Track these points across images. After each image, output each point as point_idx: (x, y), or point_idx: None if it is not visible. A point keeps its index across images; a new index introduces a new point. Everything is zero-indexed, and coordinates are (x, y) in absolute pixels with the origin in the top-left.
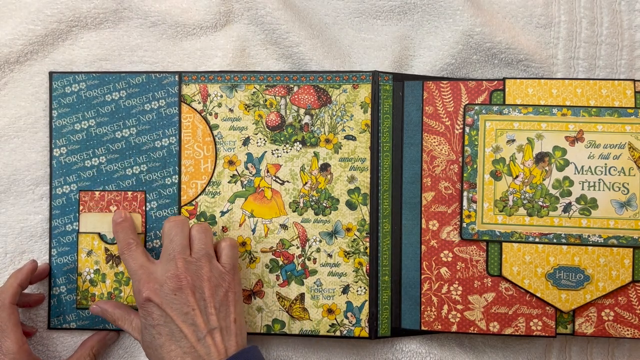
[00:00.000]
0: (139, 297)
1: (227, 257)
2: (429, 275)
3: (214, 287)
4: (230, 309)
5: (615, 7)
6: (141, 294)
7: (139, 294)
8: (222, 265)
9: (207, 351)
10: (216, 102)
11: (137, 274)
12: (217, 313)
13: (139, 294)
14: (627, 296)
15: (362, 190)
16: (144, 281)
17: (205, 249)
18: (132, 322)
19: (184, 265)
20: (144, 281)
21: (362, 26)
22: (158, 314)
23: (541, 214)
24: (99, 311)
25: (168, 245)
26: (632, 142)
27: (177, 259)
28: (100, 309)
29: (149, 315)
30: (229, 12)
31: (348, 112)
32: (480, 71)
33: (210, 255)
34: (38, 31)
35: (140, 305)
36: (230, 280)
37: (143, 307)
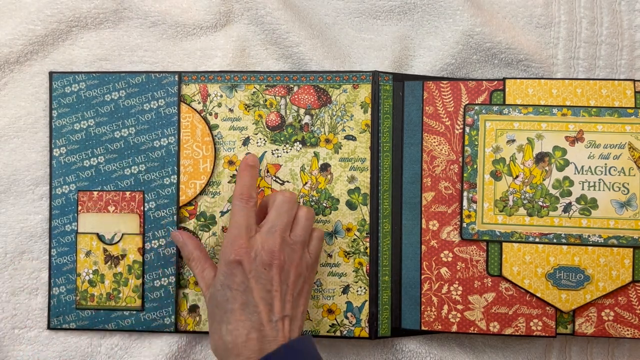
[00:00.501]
0: (229, 255)
1: (314, 248)
2: (429, 275)
3: (298, 275)
4: (302, 300)
5: (615, 7)
6: (233, 254)
7: (231, 252)
8: (309, 255)
9: (274, 335)
10: (216, 102)
11: (238, 231)
12: (292, 301)
13: (230, 252)
14: (627, 296)
15: (362, 190)
16: (241, 242)
17: (304, 235)
18: (204, 271)
19: (282, 244)
20: (241, 242)
21: (362, 26)
22: (240, 280)
23: (541, 214)
24: (179, 240)
25: (275, 219)
26: (632, 142)
27: (277, 235)
28: (181, 239)
29: (231, 277)
30: (229, 12)
31: (348, 112)
32: (480, 71)
33: (306, 243)
34: (38, 31)
35: (227, 263)
36: (311, 272)
37: (229, 266)
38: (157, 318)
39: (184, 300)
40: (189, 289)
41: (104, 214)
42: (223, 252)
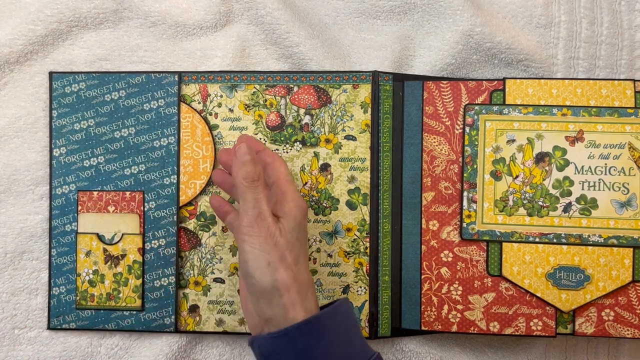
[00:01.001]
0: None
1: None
2: (429, 275)
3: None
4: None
5: (615, 7)
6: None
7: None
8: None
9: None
10: (216, 102)
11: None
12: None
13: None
14: (627, 296)
15: (362, 190)
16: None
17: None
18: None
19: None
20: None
21: (362, 26)
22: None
23: (541, 214)
24: (219, 179)
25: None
26: (632, 142)
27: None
28: (221, 179)
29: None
30: (229, 12)
31: (348, 112)
32: (480, 71)
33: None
34: (38, 31)
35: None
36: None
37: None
38: (157, 318)
39: (184, 300)
40: (189, 289)
41: (104, 214)
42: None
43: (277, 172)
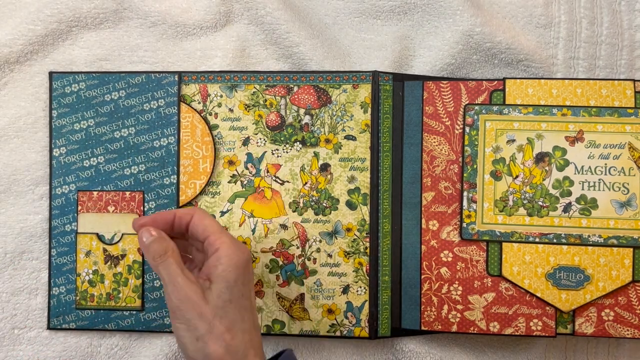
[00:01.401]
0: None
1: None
2: (429, 275)
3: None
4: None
5: (615, 7)
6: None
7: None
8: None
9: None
10: (216, 102)
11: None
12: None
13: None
14: (627, 296)
15: (362, 190)
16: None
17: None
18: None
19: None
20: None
21: (362, 26)
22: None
23: (541, 214)
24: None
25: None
26: (632, 142)
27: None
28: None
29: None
30: (229, 12)
31: (348, 112)
32: (480, 71)
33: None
34: (38, 31)
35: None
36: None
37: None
38: (157, 318)
39: None
40: None
41: (103, 214)
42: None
43: (202, 226)
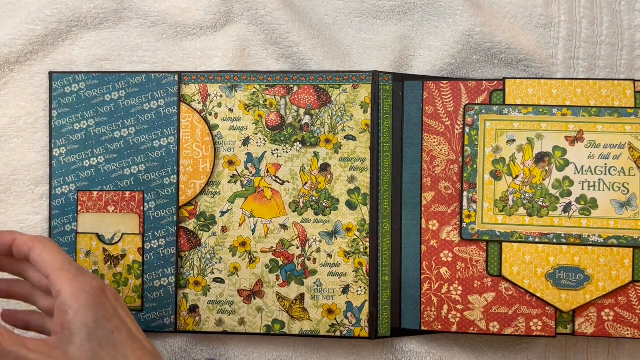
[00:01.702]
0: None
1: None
2: (429, 275)
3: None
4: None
5: (615, 7)
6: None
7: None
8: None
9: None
10: (216, 102)
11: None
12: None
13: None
14: (627, 296)
15: (362, 190)
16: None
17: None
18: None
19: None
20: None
21: (362, 26)
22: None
23: (541, 214)
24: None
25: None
26: (632, 142)
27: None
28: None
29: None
30: (229, 12)
31: (348, 112)
32: (480, 71)
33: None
34: (38, 31)
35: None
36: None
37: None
38: (157, 318)
39: (184, 300)
40: (189, 289)
41: (103, 214)
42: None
43: (41, 263)
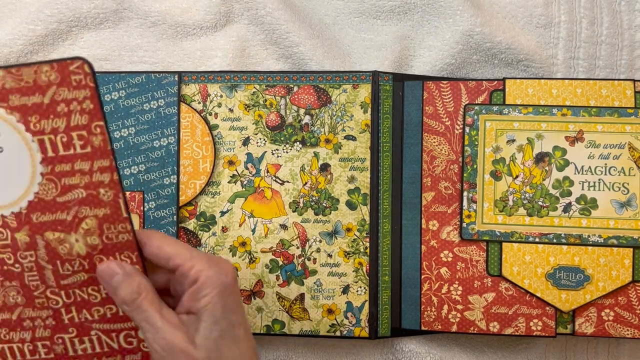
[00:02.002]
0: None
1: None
2: (429, 276)
3: None
4: None
5: (615, 7)
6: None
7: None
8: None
9: None
10: (216, 102)
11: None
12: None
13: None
14: (627, 296)
15: (362, 190)
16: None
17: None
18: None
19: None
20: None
21: (362, 26)
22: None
23: (541, 214)
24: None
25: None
26: (632, 142)
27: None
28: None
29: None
30: (229, 12)
31: (348, 112)
32: (480, 71)
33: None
34: (38, 31)
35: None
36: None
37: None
38: None
39: None
40: None
41: None
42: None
43: (164, 255)
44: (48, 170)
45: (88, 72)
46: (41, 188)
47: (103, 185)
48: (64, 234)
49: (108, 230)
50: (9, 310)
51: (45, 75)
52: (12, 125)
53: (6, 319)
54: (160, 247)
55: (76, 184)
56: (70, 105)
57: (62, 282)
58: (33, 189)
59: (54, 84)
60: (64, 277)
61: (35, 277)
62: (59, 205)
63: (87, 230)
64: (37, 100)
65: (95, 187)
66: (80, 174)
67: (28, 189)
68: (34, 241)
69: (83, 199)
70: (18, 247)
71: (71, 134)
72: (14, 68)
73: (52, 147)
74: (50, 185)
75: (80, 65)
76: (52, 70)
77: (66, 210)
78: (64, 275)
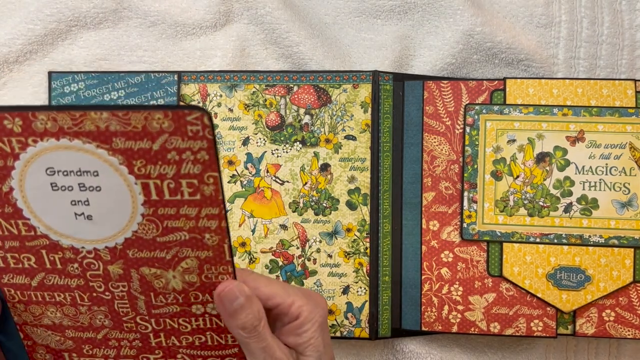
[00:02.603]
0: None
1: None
2: (430, 276)
3: None
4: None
5: (616, 7)
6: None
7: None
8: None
9: None
10: (216, 101)
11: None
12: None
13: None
14: (628, 296)
15: (362, 190)
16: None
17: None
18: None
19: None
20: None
21: (363, 26)
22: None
23: (542, 214)
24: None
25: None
26: (633, 142)
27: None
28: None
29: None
30: (229, 11)
31: (348, 112)
32: (480, 71)
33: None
34: (37, 31)
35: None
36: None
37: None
38: None
39: None
40: None
41: None
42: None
43: (263, 296)
44: (150, 212)
45: (207, 124)
46: (140, 227)
47: (209, 230)
48: (161, 270)
49: (208, 270)
50: (95, 331)
51: (157, 123)
52: (114, 167)
53: (91, 338)
54: (257, 289)
55: (180, 227)
56: (183, 154)
57: (154, 312)
58: (132, 227)
59: (166, 132)
60: (157, 307)
61: (125, 305)
62: (159, 245)
63: (187, 269)
64: (145, 146)
65: (201, 232)
66: (185, 218)
67: (126, 228)
68: (128, 274)
69: (186, 241)
70: (110, 278)
71: (180, 182)
72: (121, 112)
73: (156, 191)
74: (151, 225)
75: (199, 117)
76: (166, 118)
77: (166, 249)
78: (156, 306)
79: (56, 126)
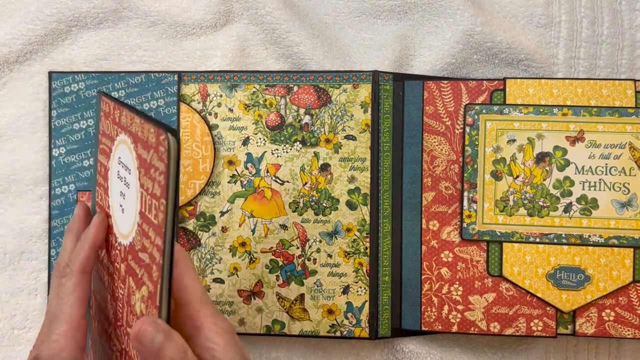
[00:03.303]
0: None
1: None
2: (430, 276)
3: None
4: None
5: (616, 7)
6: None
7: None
8: None
9: None
10: (216, 102)
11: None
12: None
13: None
14: (627, 296)
15: (362, 190)
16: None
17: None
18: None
19: None
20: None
21: (362, 26)
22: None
23: (542, 214)
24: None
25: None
26: (633, 142)
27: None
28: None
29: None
30: (229, 11)
31: (348, 112)
32: (480, 71)
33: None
34: (37, 31)
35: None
36: None
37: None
38: None
39: None
40: None
41: None
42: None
43: (182, 286)
44: (140, 223)
45: (166, 147)
46: (135, 237)
47: (155, 262)
48: (135, 286)
49: (146, 307)
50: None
51: (152, 136)
52: (136, 175)
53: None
54: (181, 275)
55: (147, 247)
56: (156, 172)
57: (129, 330)
58: (133, 234)
59: (152, 147)
60: (130, 325)
61: (121, 308)
62: (138, 259)
63: (142, 297)
64: (146, 157)
65: (152, 260)
66: (149, 240)
67: (131, 232)
68: (126, 278)
69: (146, 265)
70: (119, 276)
71: (152, 200)
72: (140, 118)
73: (142, 203)
74: (138, 237)
75: (165, 138)
76: (153, 133)
77: (139, 267)
78: (130, 324)
79: (126, 122)
